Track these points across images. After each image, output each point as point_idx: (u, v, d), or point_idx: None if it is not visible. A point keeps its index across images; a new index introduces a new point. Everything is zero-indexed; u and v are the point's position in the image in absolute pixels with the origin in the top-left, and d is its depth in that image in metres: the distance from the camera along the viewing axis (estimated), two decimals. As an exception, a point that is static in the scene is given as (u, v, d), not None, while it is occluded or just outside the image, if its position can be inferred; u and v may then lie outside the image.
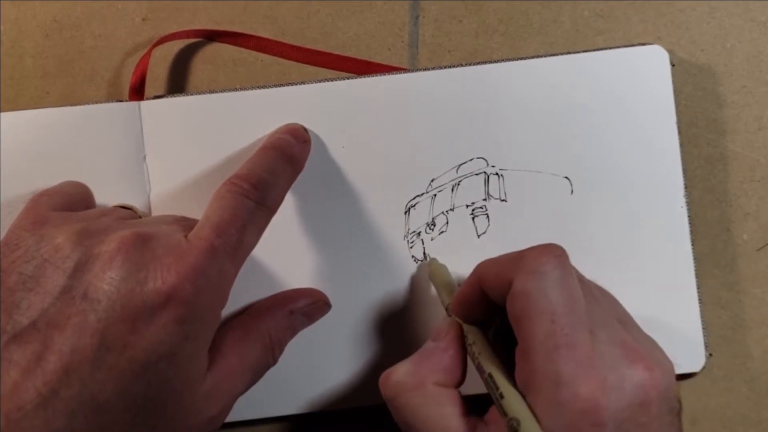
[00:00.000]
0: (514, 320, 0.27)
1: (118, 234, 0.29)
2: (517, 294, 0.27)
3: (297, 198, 0.36)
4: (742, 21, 0.38)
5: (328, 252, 0.36)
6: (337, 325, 0.36)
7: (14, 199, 0.35)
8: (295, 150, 0.34)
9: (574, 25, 0.38)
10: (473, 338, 0.30)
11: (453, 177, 0.36)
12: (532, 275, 0.27)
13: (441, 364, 0.30)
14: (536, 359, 0.26)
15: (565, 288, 0.27)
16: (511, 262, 0.28)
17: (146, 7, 0.38)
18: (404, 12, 0.38)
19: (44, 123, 0.35)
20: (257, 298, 0.36)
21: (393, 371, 0.30)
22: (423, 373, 0.30)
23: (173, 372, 0.28)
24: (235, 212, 0.30)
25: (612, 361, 0.26)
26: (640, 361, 0.27)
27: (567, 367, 0.26)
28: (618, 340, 0.27)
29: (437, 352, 0.30)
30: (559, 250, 0.28)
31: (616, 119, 0.36)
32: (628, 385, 0.26)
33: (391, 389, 0.30)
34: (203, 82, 0.38)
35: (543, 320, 0.26)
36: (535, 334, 0.26)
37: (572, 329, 0.26)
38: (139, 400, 0.28)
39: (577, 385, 0.25)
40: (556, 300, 0.27)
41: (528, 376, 0.27)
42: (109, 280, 0.28)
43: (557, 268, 0.27)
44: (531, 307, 0.27)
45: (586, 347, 0.26)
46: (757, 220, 0.38)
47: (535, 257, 0.28)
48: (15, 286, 0.28)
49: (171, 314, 0.28)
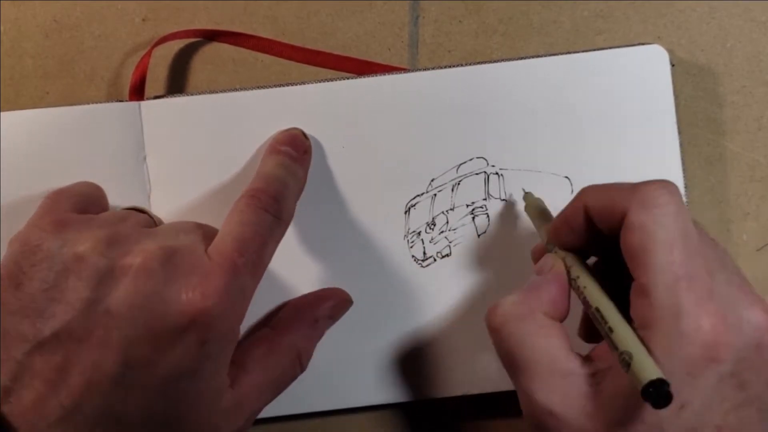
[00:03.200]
0: (629, 253, 0.27)
1: (143, 247, 0.29)
2: (633, 226, 0.27)
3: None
4: (742, 21, 0.38)
5: (328, 252, 0.36)
6: (337, 325, 0.36)
7: (14, 199, 0.35)
8: (298, 163, 0.34)
9: (574, 25, 0.38)
10: (577, 272, 0.30)
11: (453, 177, 0.36)
12: (649, 208, 0.27)
13: (549, 296, 0.29)
14: (655, 292, 0.26)
15: (681, 223, 0.26)
16: (625, 192, 0.28)
17: (146, 7, 0.38)
18: (404, 12, 0.38)
19: (44, 123, 0.35)
20: (256, 304, 0.36)
21: (500, 302, 0.29)
22: (532, 303, 0.29)
23: (194, 389, 0.29)
24: (256, 229, 0.30)
25: (731, 300, 0.26)
26: (758, 303, 0.26)
27: (688, 299, 0.25)
28: (735, 282, 0.27)
29: (545, 283, 0.30)
30: (674, 186, 0.27)
31: (616, 119, 0.36)
32: (746, 326, 0.26)
33: (498, 318, 0.29)
34: (203, 82, 0.38)
35: (662, 253, 0.26)
36: (654, 267, 0.26)
37: (691, 264, 0.26)
38: (159, 416, 0.28)
39: (700, 318, 0.25)
40: (675, 234, 0.26)
41: (646, 311, 0.26)
42: (133, 296, 0.28)
43: (672, 203, 0.27)
44: (649, 239, 0.26)
45: (706, 280, 0.26)
46: (757, 220, 0.38)
47: (651, 190, 0.27)
48: (37, 293, 0.28)
49: (194, 336, 0.28)
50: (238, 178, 0.35)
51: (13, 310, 0.28)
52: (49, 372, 0.27)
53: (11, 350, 0.27)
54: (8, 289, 0.28)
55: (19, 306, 0.28)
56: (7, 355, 0.27)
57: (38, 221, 0.30)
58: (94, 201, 0.34)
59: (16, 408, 0.27)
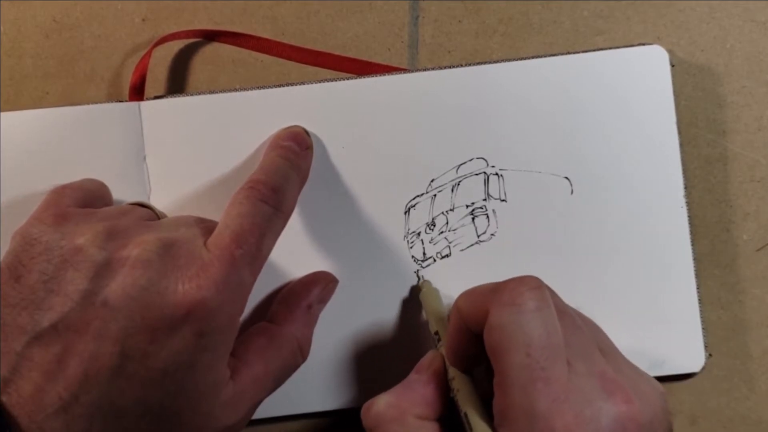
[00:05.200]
0: (490, 352, 0.27)
1: (140, 239, 0.29)
2: (492, 326, 0.27)
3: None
4: (742, 21, 0.38)
5: (328, 252, 0.36)
6: (336, 325, 0.36)
7: (14, 199, 0.35)
8: (301, 158, 0.34)
9: (574, 25, 0.38)
10: (453, 373, 0.30)
11: (453, 177, 0.36)
12: (508, 308, 0.27)
13: (422, 397, 0.30)
14: (512, 392, 0.26)
15: (541, 320, 0.27)
16: (488, 293, 0.28)
17: (146, 7, 0.38)
18: (404, 12, 0.38)
19: (44, 123, 0.35)
20: (257, 298, 0.36)
21: (374, 402, 0.30)
22: (403, 405, 0.30)
23: (191, 381, 0.29)
24: (254, 220, 0.30)
25: (589, 394, 0.26)
26: (619, 392, 0.26)
27: (542, 402, 0.26)
28: (597, 372, 0.27)
29: (419, 384, 0.31)
30: (535, 281, 0.28)
31: (616, 119, 0.36)
32: (604, 419, 0.26)
33: (372, 420, 0.30)
34: (203, 82, 0.38)
35: (518, 354, 0.26)
36: (511, 368, 0.26)
37: (548, 363, 0.26)
38: (157, 407, 0.28)
39: (553, 420, 0.25)
40: (532, 333, 0.26)
41: (504, 409, 0.26)
42: (130, 288, 0.28)
43: (533, 299, 0.27)
44: (506, 340, 0.27)
45: (563, 381, 0.26)
46: (757, 220, 0.38)
47: (510, 289, 0.27)
48: (36, 285, 0.28)
49: (191, 327, 0.28)
50: (238, 178, 0.35)
51: (13, 303, 0.28)
52: (47, 363, 0.27)
53: (10, 342, 0.27)
54: (8, 282, 0.28)
55: (18, 298, 0.28)
56: (6, 346, 0.27)
57: (40, 215, 0.30)
58: (98, 197, 0.34)
59: (15, 399, 0.27)
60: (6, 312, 0.28)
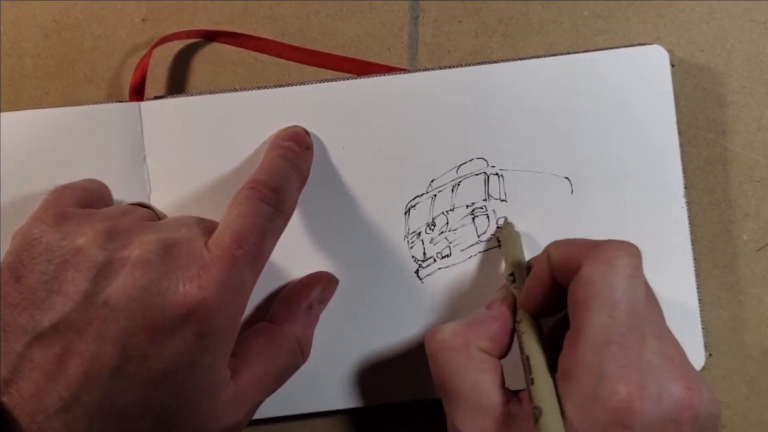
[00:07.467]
0: (572, 306, 0.27)
1: (141, 239, 0.29)
2: (582, 280, 0.27)
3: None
4: (742, 21, 0.38)
5: (328, 252, 0.36)
6: (337, 325, 0.36)
7: (14, 199, 0.35)
8: (301, 158, 0.34)
9: (574, 25, 0.38)
10: (522, 316, 0.30)
11: (453, 177, 0.36)
12: (603, 266, 0.27)
13: (488, 332, 0.30)
14: (584, 349, 0.26)
15: (632, 287, 0.27)
16: (584, 248, 0.28)
17: (146, 7, 0.38)
18: (404, 12, 0.38)
19: (44, 123, 0.35)
20: (257, 298, 0.36)
21: (440, 329, 0.30)
22: (469, 336, 0.30)
23: (192, 381, 0.29)
24: (255, 220, 0.30)
25: (657, 371, 0.26)
26: (684, 379, 0.26)
27: (612, 365, 0.25)
28: (667, 353, 0.27)
29: (487, 319, 0.31)
30: (635, 249, 0.28)
31: (616, 119, 0.36)
32: (666, 398, 0.26)
33: (436, 345, 0.30)
34: (203, 82, 0.38)
35: (601, 313, 0.26)
36: (590, 325, 0.26)
37: (627, 329, 0.26)
38: (157, 408, 0.28)
39: (618, 383, 0.25)
40: (620, 297, 0.26)
41: (571, 364, 0.26)
42: (131, 288, 0.28)
43: (629, 265, 0.27)
44: (593, 296, 0.26)
45: (636, 350, 0.26)
46: (756, 220, 0.38)
47: (609, 248, 0.27)
48: (36, 286, 0.28)
49: (192, 328, 0.28)
50: (238, 178, 0.35)
51: (14, 303, 0.28)
52: (48, 363, 0.27)
53: (11, 342, 0.27)
54: (9, 282, 0.28)
55: (19, 298, 0.28)
56: (6, 346, 0.27)
57: (40, 215, 0.30)
58: (99, 197, 0.34)
59: (16, 399, 0.27)
60: (6, 312, 0.28)
